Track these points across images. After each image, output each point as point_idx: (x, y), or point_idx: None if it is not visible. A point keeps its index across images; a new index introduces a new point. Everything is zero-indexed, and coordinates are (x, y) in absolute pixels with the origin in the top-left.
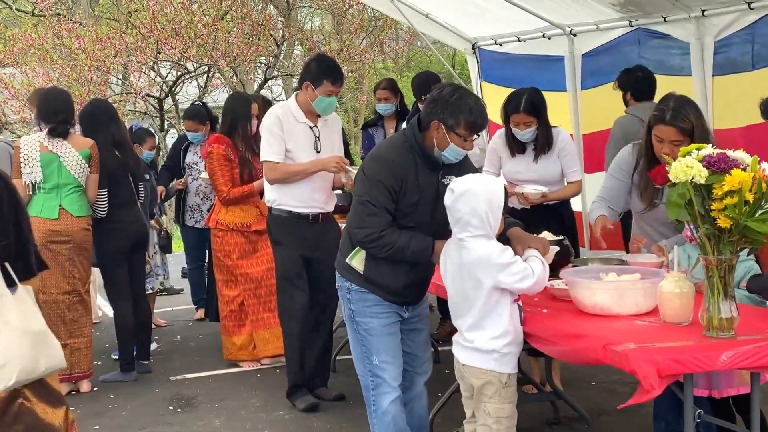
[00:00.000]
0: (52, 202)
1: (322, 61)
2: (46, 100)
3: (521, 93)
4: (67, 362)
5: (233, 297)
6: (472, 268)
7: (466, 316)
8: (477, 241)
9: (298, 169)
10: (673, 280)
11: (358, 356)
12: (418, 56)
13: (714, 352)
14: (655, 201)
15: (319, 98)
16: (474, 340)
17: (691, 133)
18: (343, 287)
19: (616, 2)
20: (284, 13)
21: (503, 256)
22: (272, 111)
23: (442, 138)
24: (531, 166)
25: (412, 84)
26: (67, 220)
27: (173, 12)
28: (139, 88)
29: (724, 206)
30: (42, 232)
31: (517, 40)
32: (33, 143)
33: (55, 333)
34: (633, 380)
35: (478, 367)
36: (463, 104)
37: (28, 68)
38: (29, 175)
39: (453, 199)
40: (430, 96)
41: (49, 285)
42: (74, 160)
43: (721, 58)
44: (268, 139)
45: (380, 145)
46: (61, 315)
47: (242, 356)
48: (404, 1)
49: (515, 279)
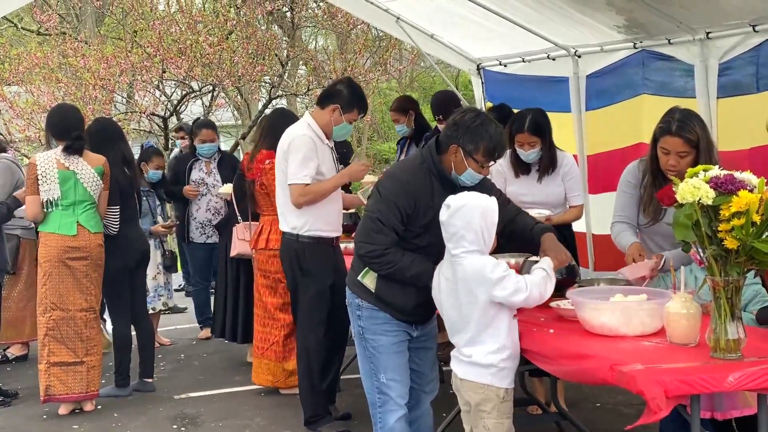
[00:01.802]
0: (69, 219)
1: (354, 89)
2: (59, 117)
3: (526, 113)
4: (84, 381)
5: (289, 321)
6: (467, 284)
7: (463, 331)
8: (471, 257)
9: (329, 185)
10: (680, 301)
11: (366, 373)
12: (422, 76)
13: (721, 373)
14: (658, 216)
15: (344, 124)
16: (472, 355)
17: (697, 145)
18: (353, 304)
19: (621, 24)
20: (289, 32)
21: (496, 271)
22: (304, 132)
23: (459, 162)
24: (536, 187)
25: (431, 103)
26: (84, 236)
27: (179, 32)
28: (144, 107)
29: (731, 227)
30: (60, 249)
31: (521, 61)
32: (50, 160)
33: (72, 350)
34: (638, 401)
35: (475, 382)
36: (484, 131)
37: (33, 87)
38: (47, 192)
39: (449, 214)
40: (452, 119)
41: (67, 302)
42: (90, 177)
43: (725, 80)
44: (304, 161)
45: (398, 165)
46: (79, 332)
47: (293, 382)
48: (409, 21)
49: (508, 293)
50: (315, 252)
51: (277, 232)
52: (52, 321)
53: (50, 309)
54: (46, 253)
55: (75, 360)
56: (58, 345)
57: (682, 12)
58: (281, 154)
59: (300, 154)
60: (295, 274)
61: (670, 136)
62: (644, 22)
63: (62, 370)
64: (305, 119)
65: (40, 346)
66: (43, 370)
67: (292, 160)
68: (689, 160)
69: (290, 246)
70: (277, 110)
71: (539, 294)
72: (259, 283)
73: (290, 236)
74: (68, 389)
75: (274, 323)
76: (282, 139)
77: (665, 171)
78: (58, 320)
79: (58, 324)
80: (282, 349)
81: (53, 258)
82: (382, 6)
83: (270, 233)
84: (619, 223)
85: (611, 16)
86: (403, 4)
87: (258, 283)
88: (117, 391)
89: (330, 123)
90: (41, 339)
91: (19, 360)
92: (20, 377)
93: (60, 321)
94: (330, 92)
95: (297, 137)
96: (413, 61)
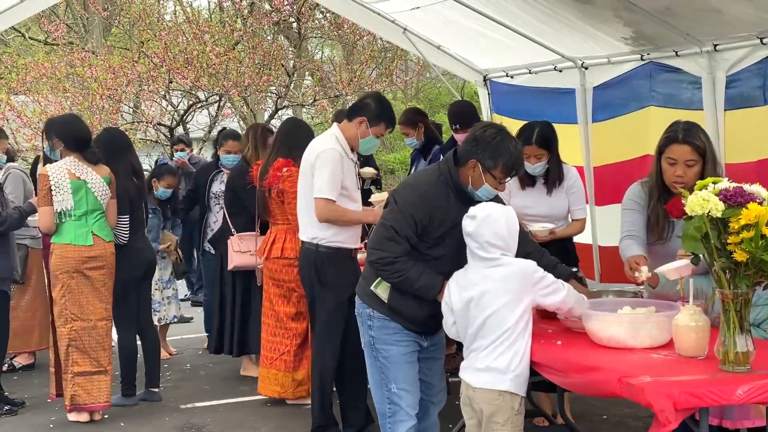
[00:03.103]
0: (84, 229)
1: (382, 102)
2: (71, 128)
3: (533, 126)
4: (104, 392)
5: (302, 330)
6: (506, 283)
7: (484, 338)
8: (508, 258)
9: (354, 216)
10: (689, 313)
11: (375, 383)
12: (428, 87)
13: (730, 386)
14: (663, 236)
15: (370, 137)
16: (491, 361)
17: (703, 153)
18: (364, 314)
19: (628, 36)
20: (295, 43)
21: (538, 270)
22: (333, 146)
23: (477, 177)
24: (542, 200)
25: (449, 113)
26: (100, 245)
27: (185, 42)
28: (151, 117)
29: (740, 240)
30: (78, 260)
31: (528, 72)
32: (61, 171)
33: (95, 360)
34: (645, 414)
35: (492, 389)
36: (503, 148)
37: (40, 96)
38: (60, 203)
39: (476, 224)
40: (473, 134)
41: (88, 312)
42: (100, 186)
43: (732, 93)
44: (332, 177)
45: (415, 176)
46: (101, 342)
47: (302, 393)
48: (416, 32)
49: (549, 291)
50: (334, 263)
51: (292, 240)
52: (74, 332)
53: (71, 320)
54: (63, 264)
55: (99, 369)
56: (81, 355)
57: (690, 24)
58: (308, 166)
59: (327, 169)
60: (314, 285)
61: (678, 144)
62: (651, 34)
63: (86, 379)
64: (333, 131)
65: (63, 357)
66: (68, 379)
67: (320, 174)
68: (697, 171)
69: (309, 256)
70: (290, 120)
71: (574, 302)
72: (271, 292)
73: (309, 246)
74: (93, 398)
75: (286, 332)
76: (309, 151)
77: (671, 185)
78: (80, 330)
79: (80, 334)
80: (293, 358)
81: (71, 269)
82: (389, 17)
83: (285, 242)
84: (627, 239)
85: (618, 28)
86: (410, 15)
87: (270, 292)
88: (124, 400)
89: (356, 136)
90: (64, 350)
91: (25, 369)
92: (27, 386)
93: (81, 331)
94: (358, 105)
95: (324, 151)
96: (419, 72)
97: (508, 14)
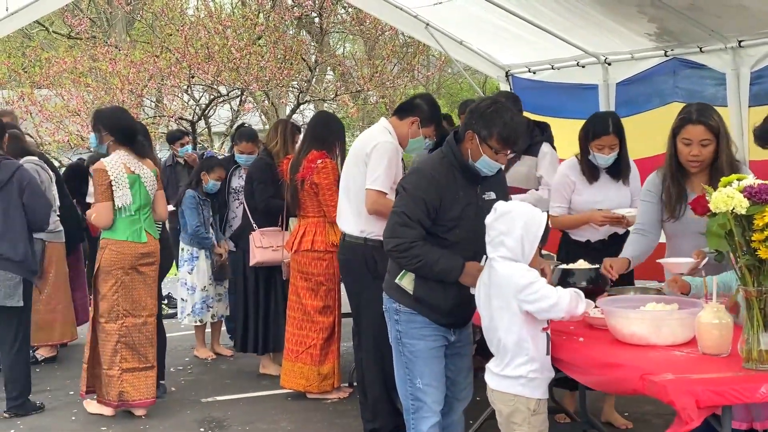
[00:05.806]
0: (137, 225)
1: (434, 104)
2: (120, 121)
3: (605, 116)
4: (151, 387)
5: (329, 324)
6: (500, 289)
7: (493, 339)
8: (504, 262)
9: None
10: (712, 311)
11: (401, 378)
12: (449, 82)
13: (753, 384)
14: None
15: (420, 138)
16: (501, 365)
17: (717, 133)
18: (390, 309)
19: (652, 32)
20: (317, 38)
21: (526, 276)
22: (390, 140)
23: (475, 149)
24: (612, 192)
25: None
26: (152, 241)
27: (207, 36)
28: (172, 111)
29: (765, 237)
30: (133, 257)
31: (551, 68)
32: (118, 165)
33: (143, 356)
34: (666, 412)
35: (506, 392)
36: (498, 117)
37: (63, 90)
38: (120, 198)
39: (493, 218)
40: (469, 107)
41: (140, 308)
42: (150, 179)
43: (757, 89)
44: (388, 169)
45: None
46: (150, 338)
47: (327, 387)
48: (438, 27)
49: (535, 297)
50: (383, 254)
51: (323, 234)
52: (125, 328)
53: (122, 316)
54: (118, 261)
55: (147, 365)
56: (131, 351)
57: (714, 20)
58: (361, 156)
59: (385, 161)
60: (364, 278)
61: (692, 124)
62: (675, 30)
63: (134, 375)
64: (384, 125)
65: (111, 353)
66: (115, 376)
67: (377, 166)
68: (711, 150)
69: (356, 249)
70: (321, 113)
71: (567, 305)
72: (299, 285)
73: (355, 239)
74: (141, 395)
75: (313, 326)
76: (363, 141)
77: (687, 164)
78: (131, 327)
79: (130, 330)
80: (319, 352)
81: (126, 265)
82: (411, 12)
83: (315, 235)
84: (633, 233)
85: (642, 24)
86: (432, 11)
87: (297, 285)
88: None
89: (407, 135)
90: (113, 346)
91: (47, 361)
92: (49, 379)
93: (132, 327)
94: (410, 105)
95: (383, 143)
96: (440, 67)
97: (530, 10)
